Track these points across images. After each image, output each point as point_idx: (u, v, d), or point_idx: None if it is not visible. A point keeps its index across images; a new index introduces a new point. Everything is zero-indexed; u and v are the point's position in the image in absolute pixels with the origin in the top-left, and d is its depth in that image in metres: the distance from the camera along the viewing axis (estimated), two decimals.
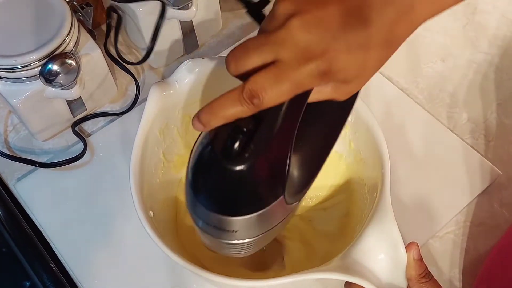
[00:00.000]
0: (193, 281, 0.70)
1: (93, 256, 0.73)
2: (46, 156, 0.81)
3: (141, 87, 0.87)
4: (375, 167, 0.64)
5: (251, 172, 0.48)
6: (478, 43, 0.92)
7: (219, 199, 0.50)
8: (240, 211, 0.50)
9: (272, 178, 0.50)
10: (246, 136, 0.47)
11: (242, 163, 0.47)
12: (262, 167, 0.48)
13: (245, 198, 0.50)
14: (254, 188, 0.49)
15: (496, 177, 0.78)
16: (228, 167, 0.47)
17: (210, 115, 0.46)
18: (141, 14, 0.81)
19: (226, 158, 0.47)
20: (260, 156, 0.47)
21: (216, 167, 0.48)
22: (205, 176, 0.50)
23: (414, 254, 0.57)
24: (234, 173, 0.47)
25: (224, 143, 0.47)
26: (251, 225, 0.51)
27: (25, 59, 0.71)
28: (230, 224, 0.50)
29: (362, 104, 0.67)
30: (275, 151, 0.49)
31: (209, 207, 0.50)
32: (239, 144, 0.47)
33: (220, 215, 0.50)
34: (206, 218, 0.51)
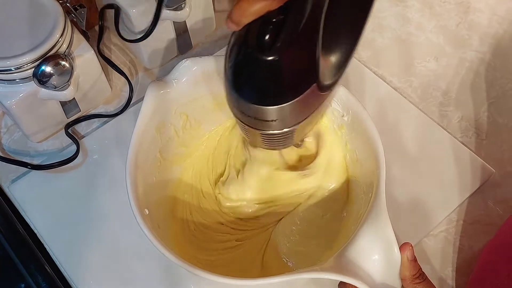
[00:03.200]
0: (189, 281, 0.70)
1: (88, 257, 0.73)
2: (40, 158, 0.81)
3: (135, 88, 0.87)
4: (370, 167, 0.64)
5: (284, 60, 0.50)
6: (471, 41, 0.92)
7: (256, 90, 0.53)
8: (277, 100, 0.52)
9: (304, 66, 0.52)
10: (276, 27, 0.49)
11: (274, 52, 0.49)
12: (294, 56, 0.51)
13: (280, 87, 0.52)
14: (288, 77, 0.52)
15: (489, 175, 0.78)
16: (262, 57, 0.50)
17: (241, 14, 0.49)
18: (134, 15, 0.81)
19: (259, 49, 0.50)
20: (291, 45, 0.50)
21: (251, 60, 0.51)
22: (242, 71, 0.52)
23: (408, 255, 0.57)
24: (268, 63, 0.50)
25: (256, 36, 0.50)
26: (289, 113, 0.53)
27: (18, 61, 0.71)
28: (268, 114, 0.53)
29: (359, 105, 0.67)
30: (306, 40, 0.50)
31: (248, 99, 0.53)
32: (270, 34, 0.50)
33: (259, 106, 0.52)
34: (246, 110, 0.54)
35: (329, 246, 0.67)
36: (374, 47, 0.92)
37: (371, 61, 0.90)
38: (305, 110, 0.55)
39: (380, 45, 0.93)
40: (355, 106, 0.68)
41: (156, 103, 0.68)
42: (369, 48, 0.92)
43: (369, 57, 0.91)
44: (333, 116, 0.71)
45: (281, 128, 0.55)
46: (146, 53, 0.86)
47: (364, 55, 0.91)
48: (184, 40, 0.89)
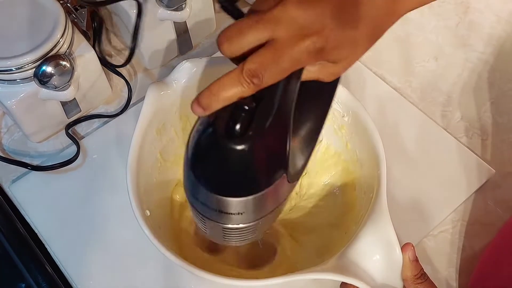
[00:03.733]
0: (189, 281, 0.70)
1: (88, 257, 0.73)
2: (40, 158, 0.81)
3: (134, 89, 0.87)
4: (371, 168, 0.64)
5: (255, 151, 0.48)
6: (471, 41, 0.93)
7: (222, 180, 0.50)
8: (246, 191, 0.50)
9: (275, 156, 0.50)
10: (247, 115, 0.47)
11: (245, 142, 0.47)
12: (265, 145, 0.49)
13: (250, 177, 0.50)
14: (258, 167, 0.50)
15: (490, 176, 0.79)
16: (231, 146, 0.47)
17: (210, 98, 0.46)
18: (133, 15, 0.80)
19: (229, 138, 0.47)
20: (263, 135, 0.48)
21: (218, 147, 0.48)
22: (206, 157, 0.50)
23: (410, 255, 0.57)
24: (237, 153, 0.47)
25: (225, 123, 0.47)
26: (256, 205, 0.51)
27: (19, 61, 0.71)
28: (234, 206, 0.50)
29: (359, 105, 0.67)
30: (277, 129, 0.49)
31: (212, 189, 0.50)
32: (241, 123, 0.47)
33: (225, 197, 0.49)
34: (209, 201, 0.51)
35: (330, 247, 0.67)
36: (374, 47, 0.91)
37: (371, 61, 0.90)
38: (272, 202, 0.53)
39: (379, 45, 0.91)
40: (355, 106, 0.68)
41: (157, 104, 0.68)
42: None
43: (369, 57, 0.90)
44: (333, 116, 0.71)
45: (244, 221, 0.53)
46: (147, 53, 0.86)
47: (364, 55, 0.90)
48: (184, 40, 0.89)
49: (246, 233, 0.55)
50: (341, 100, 0.69)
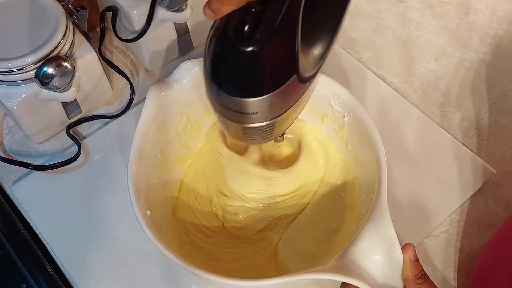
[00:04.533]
0: (190, 281, 0.71)
1: (89, 258, 0.73)
2: (41, 159, 0.81)
3: (136, 89, 0.87)
4: (372, 168, 0.64)
5: (263, 52, 0.49)
6: (471, 42, 0.93)
7: (236, 82, 0.52)
8: (257, 92, 0.51)
9: (284, 57, 0.51)
10: (255, 17, 0.48)
11: (253, 43, 0.48)
12: (274, 47, 0.50)
13: (261, 78, 0.51)
14: (268, 68, 0.51)
15: (490, 176, 0.79)
16: (241, 48, 0.49)
17: (220, 2, 0.47)
18: (135, 16, 0.81)
19: (239, 41, 0.49)
20: (271, 36, 0.49)
21: (231, 51, 0.50)
22: (221, 63, 0.52)
23: (411, 255, 0.57)
24: (247, 54, 0.49)
25: (235, 26, 0.49)
26: (270, 105, 0.53)
27: (20, 62, 0.71)
28: (249, 106, 0.52)
29: (360, 106, 0.67)
30: (285, 30, 0.50)
31: (228, 91, 0.52)
32: (249, 25, 0.48)
33: (239, 98, 0.52)
34: (227, 103, 0.53)
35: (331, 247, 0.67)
36: (375, 48, 0.92)
37: (371, 62, 0.90)
38: (286, 102, 0.55)
39: (380, 45, 0.93)
40: (355, 107, 0.68)
41: (157, 104, 0.68)
42: (369, 49, 0.92)
43: (369, 58, 0.91)
44: (333, 117, 0.71)
45: (262, 120, 0.55)
46: (147, 54, 0.87)
47: (364, 55, 0.91)
48: (185, 41, 0.89)
49: (265, 131, 0.57)
50: (341, 100, 0.69)
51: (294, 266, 0.70)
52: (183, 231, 0.72)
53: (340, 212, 0.71)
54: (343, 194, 0.72)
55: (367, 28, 0.94)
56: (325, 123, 0.73)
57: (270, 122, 0.55)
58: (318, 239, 0.71)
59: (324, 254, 0.67)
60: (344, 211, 0.71)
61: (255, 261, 0.71)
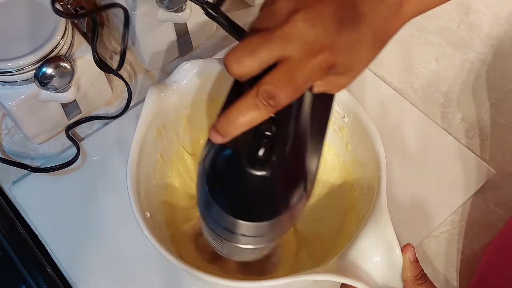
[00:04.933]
0: (189, 283, 0.70)
1: (89, 259, 0.73)
2: (41, 160, 0.81)
3: (135, 90, 0.87)
4: (371, 169, 0.64)
5: (277, 176, 0.48)
6: (472, 42, 0.92)
7: (245, 205, 0.49)
8: (268, 215, 0.49)
9: (295, 178, 0.50)
10: (269, 140, 0.46)
11: (268, 168, 0.47)
12: (286, 169, 0.49)
13: (272, 201, 0.49)
14: (281, 191, 0.49)
15: (490, 176, 0.79)
16: (255, 173, 0.47)
17: (228, 125, 0.45)
18: (135, 17, 0.80)
19: (251, 164, 0.47)
20: (284, 158, 0.48)
21: (241, 173, 0.47)
22: (227, 182, 0.49)
23: (410, 256, 0.57)
24: (260, 179, 0.47)
25: (247, 149, 0.47)
26: (276, 227, 0.51)
27: (19, 63, 0.71)
28: (257, 229, 0.50)
29: (359, 106, 0.67)
30: (296, 149, 0.49)
31: (234, 214, 0.49)
32: (264, 149, 0.46)
33: (248, 222, 0.49)
34: (229, 225, 0.50)
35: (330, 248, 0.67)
36: None
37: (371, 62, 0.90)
38: (291, 221, 0.53)
39: None
40: (355, 107, 0.68)
41: (157, 105, 0.68)
42: None
43: None
44: (333, 117, 0.71)
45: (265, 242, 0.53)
46: (147, 55, 0.87)
47: None
48: (184, 41, 0.89)
49: (261, 251, 0.56)
50: (341, 101, 0.69)
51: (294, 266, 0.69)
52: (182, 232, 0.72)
53: (340, 213, 0.71)
54: (342, 194, 0.72)
55: None
56: None
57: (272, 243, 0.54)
58: (317, 240, 0.71)
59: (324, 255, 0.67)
60: (343, 212, 0.71)
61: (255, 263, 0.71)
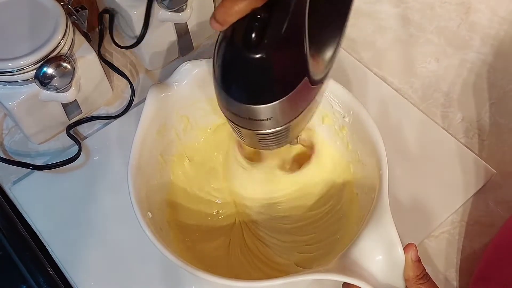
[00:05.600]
0: (190, 282, 0.70)
1: (89, 259, 0.73)
2: (41, 159, 0.81)
3: (136, 89, 0.87)
4: (372, 168, 0.64)
5: (272, 58, 0.49)
6: (472, 42, 0.93)
7: (247, 89, 0.52)
8: (269, 98, 0.51)
9: (293, 61, 0.51)
10: (262, 24, 0.48)
11: (262, 50, 0.49)
12: (282, 52, 0.50)
13: (271, 84, 0.51)
14: (278, 73, 0.51)
15: (490, 176, 0.79)
16: (250, 56, 0.49)
17: (225, 13, 0.47)
18: (135, 17, 0.81)
19: (247, 48, 0.49)
20: (279, 41, 0.49)
21: (240, 59, 0.50)
22: (229, 69, 0.52)
23: (412, 255, 0.57)
24: (256, 61, 0.49)
25: (242, 34, 0.49)
26: (282, 110, 0.52)
27: (20, 63, 0.71)
28: (262, 112, 0.52)
29: (360, 106, 0.67)
30: (293, 34, 0.49)
31: (239, 99, 0.52)
32: (255, 32, 0.48)
33: (251, 105, 0.51)
34: (239, 111, 0.53)
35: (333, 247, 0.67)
36: (375, 48, 0.92)
37: (372, 62, 0.90)
38: (298, 106, 0.55)
39: (381, 46, 0.93)
40: (356, 107, 0.68)
41: (157, 106, 0.68)
42: (370, 49, 0.92)
43: (370, 58, 0.91)
44: (334, 117, 0.71)
45: (275, 126, 0.55)
46: (147, 55, 0.87)
47: (365, 56, 0.91)
48: (185, 41, 0.89)
49: (279, 136, 0.57)
50: (342, 101, 0.69)
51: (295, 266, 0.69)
52: (183, 232, 0.72)
53: (341, 212, 0.71)
54: (343, 194, 0.72)
55: (367, 28, 0.94)
56: (326, 123, 0.73)
57: (284, 127, 0.55)
58: (319, 239, 0.71)
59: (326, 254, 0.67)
60: (345, 212, 0.71)
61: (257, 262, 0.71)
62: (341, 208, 0.71)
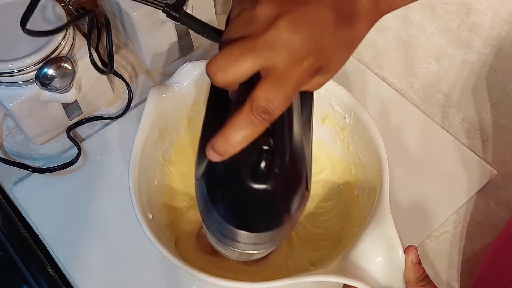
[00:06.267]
0: (191, 284, 0.70)
1: (90, 259, 0.73)
2: (42, 160, 0.81)
3: (136, 90, 0.87)
4: (373, 170, 0.64)
5: (282, 186, 0.48)
6: (473, 43, 0.92)
7: (250, 217, 0.50)
8: (274, 224, 0.49)
9: (298, 183, 0.50)
10: (268, 154, 0.46)
11: (271, 180, 0.47)
12: (289, 177, 0.49)
13: (277, 210, 0.49)
14: (286, 199, 0.50)
15: (491, 177, 0.78)
16: (259, 187, 0.47)
17: (226, 145, 0.44)
18: (136, 18, 0.80)
19: (255, 178, 0.47)
20: (286, 168, 0.48)
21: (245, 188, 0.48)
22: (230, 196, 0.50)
23: (413, 257, 0.57)
24: (264, 191, 0.47)
25: (249, 165, 0.47)
26: (282, 231, 0.51)
27: (20, 64, 0.71)
28: (263, 238, 0.50)
29: (361, 107, 0.67)
30: (296, 156, 0.49)
31: (240, 227, 0.49)
32: (265, 163, 0.46)
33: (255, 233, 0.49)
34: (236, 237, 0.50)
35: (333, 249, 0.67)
36: (376, 49, 0.92)
37: (372, 63, 0.90)
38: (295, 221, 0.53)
39: (381, 46, 0.93)
40: (356, 108, 0.68)
41: (158, 107, 0.68)
42: (370, 50, 0.92)
43: (370, 59, 0.91)
44: (335, 118, 0.71)
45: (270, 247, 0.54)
46: (148, 55, 0.86)
47: (365, 56, 0.91)
48: (185, 42, 0.89)
49: (265, 252, 0.56)
50: (342, 101, 0.69)
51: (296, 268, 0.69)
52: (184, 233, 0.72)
53: (342, 214, 0.71)
54: (344, 195, 0.72)
55: None
56: (326, 124, 0.73)
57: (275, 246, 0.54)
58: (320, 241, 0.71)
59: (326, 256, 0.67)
60: (345, 213, 0.71)
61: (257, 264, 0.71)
62: (342, 210, 0.71)
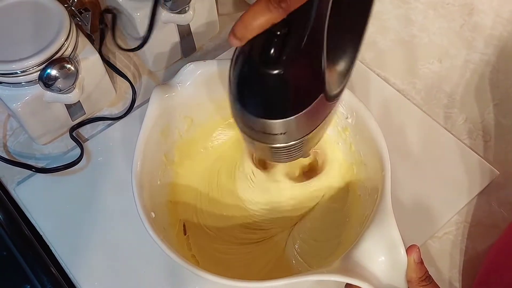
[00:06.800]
0: (193, 282, 0.71)
1: (93, 259, 0.73)
2: (45, 160, 0.81)
3: (139, 91, 0.87)
4: (375, 170, 0.64)
5: (290, 74, 0.49)
6: (475, 43, 0.92)
7: (263, 104, 0.52)
8: (285, 113, 0.51)
9: (311, 77, 0.51)
10: (280, 40, 0.48)
11: (279, 66, 0.49)
12: (300, 68, 0.50)
13: (288, 99, 0.51)
14: (295, 89, 0.51)
15: (494, 177, 0.78)
16: (268, 72, 0.49)
17: (244, 29, 0.48)
18: (138, 18, 0.81)
19: (265, 64, 0.49)
20: (297, 58, 0.49)
21: (257, 75, 0.50)
22: (248, 86, 0.52)
23: (415, 257, 0.57)
24: (273, 77, 0.49)
25: (260, 50, 0.49)
26: (298, 125, 0.52)
27: (24, 64, 0.71)
28: (277, 127, 0.52)
29: (363, 107, 0.67)
30: (310, 50, 0.50)
31: (255, 113, 0.52)
32: (274, 48, 0.49)
33: (267, 120, 0.51)
34: (254, 125, 0.53)
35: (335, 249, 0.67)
36: (378, 49, 0.92)
37: (374, 63, 0.90)
38: (313, 121, 0.55)
39: (383, 47, 0.93)
40: (359, 108, 0.68)
41: (161, 107, 0.69)
42: (372, 50, 0.92)
43: (372, 59, 0.91)
44: (337, 118, 0.71)
45: (289, 140, 0.55)
46: (151, 56, 0.87)
47: (367, 57, 0.91)
48: (188, 43, 0.89)
49: (292, 151, 0.57)
50: (345, 101, 0.69)
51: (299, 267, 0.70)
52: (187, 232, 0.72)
53: (344, 213, 0.71)
54: (346, 195, 0.72)
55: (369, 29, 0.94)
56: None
57: (298, 141, 0.55)
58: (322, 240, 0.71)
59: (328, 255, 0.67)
60: (347, 212, 0.71)
61: (260, 262, 0.71)
62: (344, 209, 0.71)
